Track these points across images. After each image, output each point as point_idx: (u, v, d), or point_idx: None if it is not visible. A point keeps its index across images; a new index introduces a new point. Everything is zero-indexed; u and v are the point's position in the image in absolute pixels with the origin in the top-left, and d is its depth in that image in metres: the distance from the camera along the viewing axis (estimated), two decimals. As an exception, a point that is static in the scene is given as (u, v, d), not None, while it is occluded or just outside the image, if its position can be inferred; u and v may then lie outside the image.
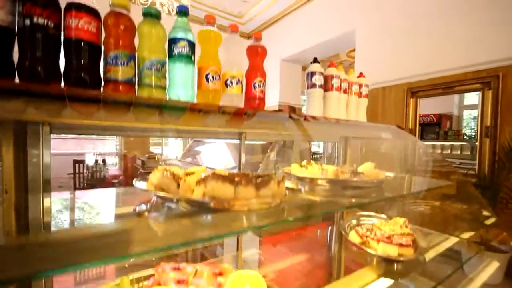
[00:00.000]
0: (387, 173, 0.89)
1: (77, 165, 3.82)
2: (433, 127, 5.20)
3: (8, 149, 0.60)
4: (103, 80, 0.55)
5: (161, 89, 0.60)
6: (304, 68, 6.08)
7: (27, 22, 0.45)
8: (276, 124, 0.76)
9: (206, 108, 0.63)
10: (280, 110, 0.76)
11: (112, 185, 3.62)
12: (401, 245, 0.77)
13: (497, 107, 2.58)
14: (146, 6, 0.59)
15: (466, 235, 1.11)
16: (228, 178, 0.49)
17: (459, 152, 4.35)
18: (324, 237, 1.18)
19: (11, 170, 0.60)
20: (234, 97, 0.71)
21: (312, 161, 0.95)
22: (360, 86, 1.24)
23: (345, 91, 1.16)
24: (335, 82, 1.09)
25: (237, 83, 0.70)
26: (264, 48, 0.76)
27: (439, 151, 4.86)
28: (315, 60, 1.07)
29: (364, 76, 1.27)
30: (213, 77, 0.65)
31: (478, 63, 2.69)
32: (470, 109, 5.64)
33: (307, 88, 1.07)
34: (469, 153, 4.19)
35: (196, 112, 0.62)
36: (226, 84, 0.70)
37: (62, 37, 0.51)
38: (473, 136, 4.38)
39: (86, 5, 0.51)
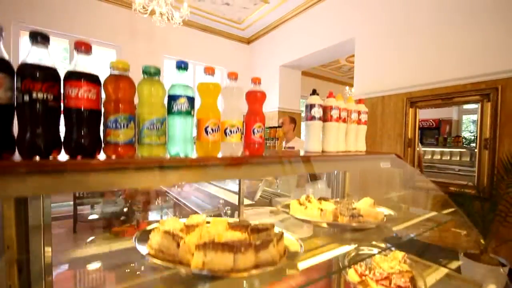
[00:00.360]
0: (385, 210, 0.89)
1: (77, 173, 3.82)
2: (432, 132, 5.22)
3: (9, 205, 0.61)
4: (103, 142, 0.56)
5: (161, 146, 0.61)
6: (304, 73, 6.08)
7: (26, 98, 0.45)
8: (276, 165, 0.76)
9: (206, 162, 0.63)
10: (280, 156, 0.76)
11: (112, 195, 3.62)
12: (399, 287, 0.77)
13: (496, 119, 2.59)
14: (145, 65, 0.59)
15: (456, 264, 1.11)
16: (227, 247, 0.49)
17: (458, 158, 4.36)
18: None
19: (13, 226, 0.61)
20: (233, 145, 0.71)
21: (311, 196, 0.95)
22: (359, 113, 1.25)
23: (344, 120, 1.16)
24: (334, 113, 1.09)
25: (236, 131, 0.71)
26: (263, 93, 0.76)
27: (438, 157, 4.86)
28: (314, 92, 1.08)
29: (363, 102, 1.28)
30: (212, 130, 0.66)
31: (477, 75, 2.70)
32: (469, 114, 5.65)
33: (306, 119, 1.07)
34: (468, 159, 4.19)
35: (195, 165, 0.63)
36: (225, 133, 0.70)
37: (62, 105, 0.51)
38: (472, 140, 4.38)
39: (86, 73, 0.51)
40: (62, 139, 0.52)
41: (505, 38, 2.51)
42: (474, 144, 2.97)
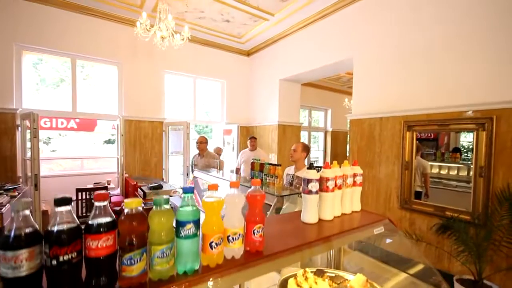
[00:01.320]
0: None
1: (79, 193, 3.90)
2: (430, 143, 5.30)
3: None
4: (118, 274, 0.62)
5: (170, 268, 0.67)
6: (303, 83, 6.09)
7: (54, 262, 0.51)
8: (275, 261, 0.82)
9: (210, 277, 0.70)
10: (281, 252, 0.82)
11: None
12: None
13: (490, 148, 2.64)
14: (156, 198, 0.65)
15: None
16: None
17: (455, 173, 4.42)
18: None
19: None
20: (236, 250, 0.77)
21: (309, 272, 1.01)
22: (354, 175, 1.31)
23: (339, 187, 1.22)
24: (330, 184, 1.16)
25: (238, 238, 0.77)
26: (263, 195, 0.82)
27: (437, 170, 4.91)
28: (310, 166, 1.14)
29: (357, 164, 1.34)
30: (216, 244, 0.72)
31: (472, 104, 2.75)
32: (467, 125, 5.69)
33: (303, 192, 1.13)
34: (465, 174, 4.25)
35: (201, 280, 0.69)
36: (228, 240, 0.76)
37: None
38: (470, 149, 4.45)
39: (104, 223, 0.57)
40: (84, 280, 0.58)
41: (500, 69, 2.56)
42: (470, 163, 2.97)
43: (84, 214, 3.98)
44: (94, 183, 4.63)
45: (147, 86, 5.14)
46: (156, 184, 3.50)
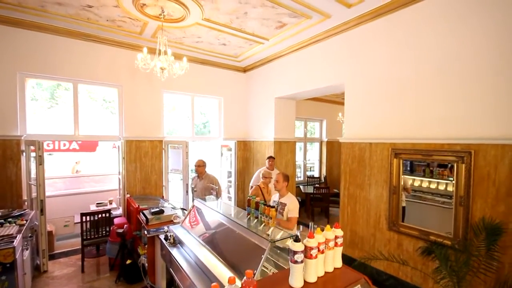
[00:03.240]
0: None
1: (83, 217, 4.06)
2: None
3: None
4: None
5: None
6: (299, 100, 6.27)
7: None
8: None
9: None
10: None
11: (117, 235, 3.85)
12: None
13: (469, 180, 2.84)
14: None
15: None
16: None
17: (444, 187, 4.64)
18: None
19: None
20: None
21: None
22: (336, 237, 1.50)
23: (322, 252, 1.41)
24: (313, 252, 1.35)
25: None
26: (256, 285, 1.01)
27: (426, 184, 5.11)
28: (296, 239, 1.33)
29: (339, 227, 1.53)
30: (217, 335, 0.91)
31: (452, 137, 2.96)
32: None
33: (290, 261, 1.32)
34: (451, 189, 4.47)
35: None
36: (226, 327, 0.95)
37: None
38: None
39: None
40: None
41: (479, 107, 2.75)
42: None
43: (88, 237, 4.14)
44: (97, 203, 4.79)
45: (146, 106, 5.30)
46: (157, 209, 3.68)
